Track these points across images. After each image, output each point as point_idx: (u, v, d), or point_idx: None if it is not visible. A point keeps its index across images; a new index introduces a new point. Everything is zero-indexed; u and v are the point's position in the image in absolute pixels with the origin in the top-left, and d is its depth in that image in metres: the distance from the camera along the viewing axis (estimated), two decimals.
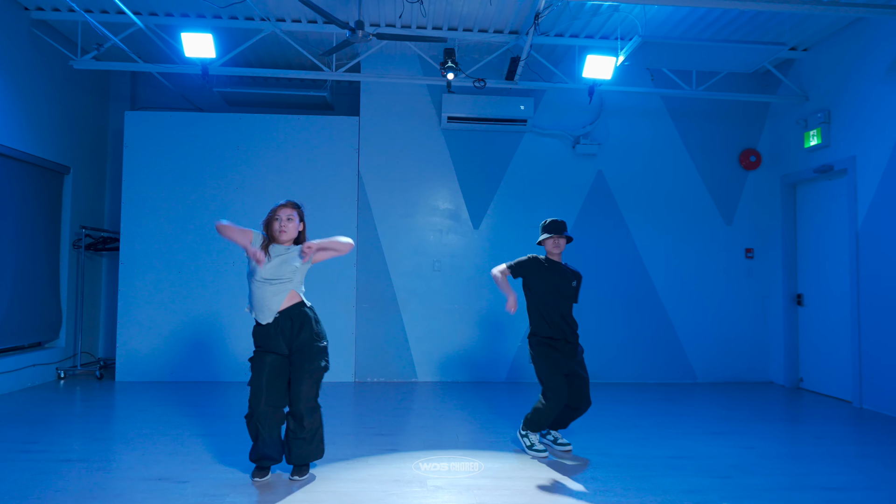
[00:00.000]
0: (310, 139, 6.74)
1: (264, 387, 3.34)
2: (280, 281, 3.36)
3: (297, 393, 3.35)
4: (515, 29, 6.15)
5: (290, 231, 3.41)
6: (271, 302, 3.36)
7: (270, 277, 3.34)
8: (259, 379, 3.35)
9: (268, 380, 3.35)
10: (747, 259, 7.02)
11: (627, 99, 6.92)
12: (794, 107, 6.60)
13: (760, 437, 4.51)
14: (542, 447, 3.99)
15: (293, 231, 3.42)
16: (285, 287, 3.37)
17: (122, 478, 3.40)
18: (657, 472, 3.63)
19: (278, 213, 3.42)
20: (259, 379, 3.35)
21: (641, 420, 4.99)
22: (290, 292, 3.40)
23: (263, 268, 3.33)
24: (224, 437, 4.25)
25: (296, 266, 3.39)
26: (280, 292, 3.37)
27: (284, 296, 3.38)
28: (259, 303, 3.37)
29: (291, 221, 3.41)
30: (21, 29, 5.88)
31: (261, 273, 3.34)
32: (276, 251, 3.39)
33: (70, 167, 6.69)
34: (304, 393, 3.34)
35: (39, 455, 3.79)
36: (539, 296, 4.04)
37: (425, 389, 6.28)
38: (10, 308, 5.75)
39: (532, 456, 3.95)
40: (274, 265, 3.35)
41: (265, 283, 3.35)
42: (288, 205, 3.46)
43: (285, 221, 3.40)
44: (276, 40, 6.53)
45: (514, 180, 6.89)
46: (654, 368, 6.87)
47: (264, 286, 3.35)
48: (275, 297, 3.36)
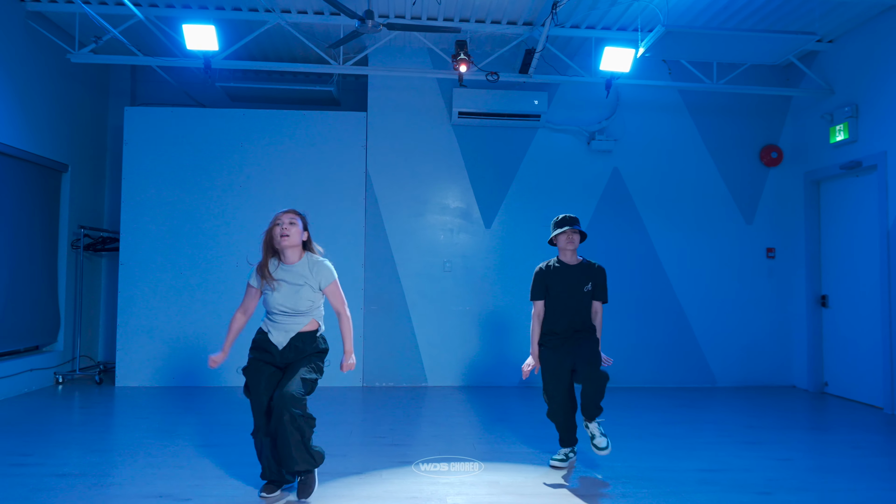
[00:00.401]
0: (316, 135, 6.51)
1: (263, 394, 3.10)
2: (298, 314, 3.18)
3: (286, 381, 3.06)
4: (530, 20, 5.92)
5: (294, 236, 3.18)
6: (290, 328, 3.20)
7: (287, 310, 3.16)
8: (258, 389, 3.11)
9: (266, 388, 3.11)
10: (768, 259, 6.78)
11: (644, 93, 6.68)
12: (818, 101, 6.36)
13: (794, 447, 4.27)
14: (561, 458, 3.77)
15: (296, 236, 3.19)
16: (306, 317, 3.22)
17: (121, 495, 3.17)
18: (690, 488, 3.40)
19: (280, 217, 3.21)
20: (258, 389, 3.11)
21: (664, 428, 4.75)
22: (311, 321, 3.24)
23: (276, 295, 3.15)
24: (228, 448, 4.03)
25: (311, 295, 3.19)
26: (300, 322, 3.21)
27: (304, 324, 3.23)
28: (276, 326, 3.21)
29: (294, 225, 3.19)
30: (16, 21, 5.66)
31: (276, 302, 3.16)
32: (289, 276, 3.17)
33: (68, 165, 6.47)
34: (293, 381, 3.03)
35: (34, 469, 3.57)
36: (547, 304, 3.80)
37: (436, 395, 6.05)
38: (6, 311, 5.53)
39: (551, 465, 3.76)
40: (290, 294, 3.15)
41: (283, 314, 3.17)
42: (289, 211, 3.26)
43: (287, 225, 3.18)
44: (281, 32, 6.30)
45: (527, 178, 6.65)
46: (671, 372, 6.64)
47: (284, 317, 3.18)
48: (294, 325, 3.21)
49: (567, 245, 3.75)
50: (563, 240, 3.74)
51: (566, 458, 3.78)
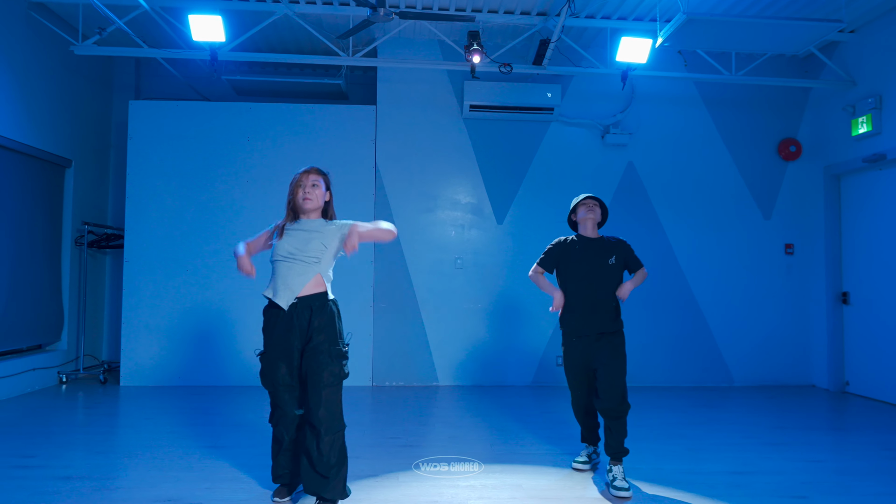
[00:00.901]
0: (324, 129, 6.37)
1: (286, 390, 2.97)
2: (306, 259, 2.94)
3: (316, 400, 2.85)
4: (544, 10, 5.77)
5: (316, 198, 3.03)
6: (293, 282, 2.92)
7: (294, 252, 2.94)
8: (276, 382, 2.96)
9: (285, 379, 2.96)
10: (787, 255, 6.62)
11: (660, 85, 6.53)
12: (839, 92, 6.20)
13: (824, 448, 4.12)
14: (583, 459, 3.65)
15: (319, 199, 3.04)
16: (311, 269, 2.95)
17: (128, 499, 3.04)
18: (721, 491, 3.26)
19: (302, 179, 3.04)
20: (276, 382, 2.96)
21: (686, 429, 4.60)
22: (316, 276, 2.97)
23: (284, 242, 2.97)
24: (237, 450, 3.89)
25: (324, 245, 2.98)
26: (305, 273, 2.94)
27: (309, 278, 2.95)
28: (279, 281, 2.95)
29: (317, 188, 3.03)
30: (18, 12, 5.53)
31: (283, 247, 2.96)
32: (304, 225, 3.02)
33: (72, 160, 6.34)
34: (323, 400, 2.85)
35: (37, 471, 3.44)
36: (568, 283, 3.53)
37: (447, 394, 5.91)
38: (8, 309, 5.40)
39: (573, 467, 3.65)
40: (300, 240, 2.97)
41: (288, 259, 2.94)
42: (312, 170, 3.08)
43: (310, 188, 3.02)
44: (288, 24, 6.16)
45: (539, 172, 6.50)
46: (688, 371, 6.49)
47: (287, 264, 2.94)
48: (298, 276, 2.93)
49: (588, 213, 3.56)
50: (584, 210, 3.58)
51: (589, 459, 3.65)
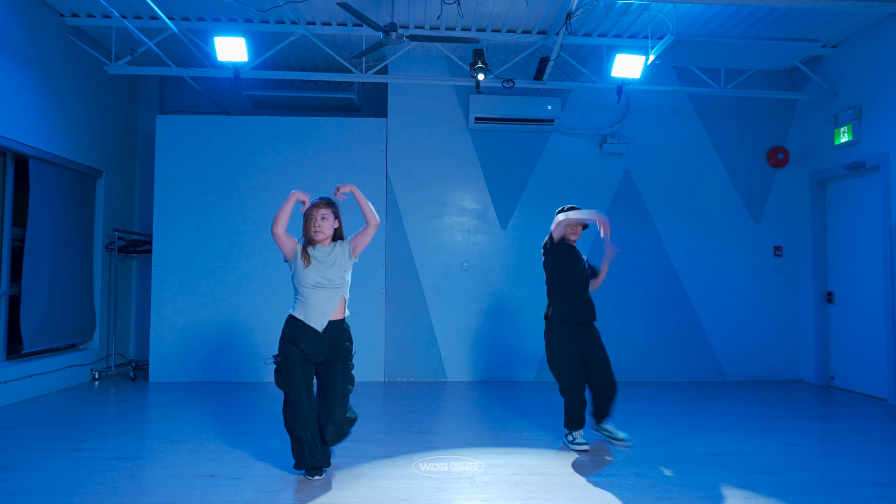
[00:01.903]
0: (338, 141, 6.80)
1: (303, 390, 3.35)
2: (331, 286, 3.39)
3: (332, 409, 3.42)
4: (544, 29, 6.18)
5: (326, 230, 3.41)
6: (326, 307, 3.37)
7: (321, 282, 3.36)
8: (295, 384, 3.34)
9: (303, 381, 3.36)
10: (776, 257, 6.99)
11: (654, 98, 6.93)
12: (823, 104, 6.58)
13: (801, 434, 4.50)
14: (582, 441, 4.04)
15: (329, 230, 3.43)
16: (338, 293, 3.41)
17: (177, 475, 3.45)
18: (702, 469, 3.64)
19: (311, 212, 3.41)
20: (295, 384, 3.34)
21: (676, 418, 4.99)
22: (341, 300, 3.45)
23: (310, 272, 3.36)
24: (265, 436, 4.30)
25: (343, 270, 3.42)
26: (334, 297, 3.40)
27: (337, 302, 3.42)
28: (313, 308, 3.37)
29: (326, 220, 3.41)
30: (57, 35, 5.98)
31: (309, 278, 3.36)
32: (321, 253, 3.42)
33: (102, 171, 6.79)
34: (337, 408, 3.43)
35: (91, 453, 3.86)
36: (566, 275, 4.16)
37: (455, 389, 6.31)
38: (48, 310, 5.84)
39: (574, 450, 4.01)
40: (321, 269, 3.37)
41: (317, 288, 3.36)
42: (321, 203, 3.44)
43: (319, 221, 3.39)
44: (305, 43, 6.60)
45: (541, 180, 6.91)
46: (682, 367, 6.86)
47: (317, 292, 3.36)
48: (329, 302, 3.39)
49: (572, 236, 4.27)
50: (573, 234, 4.25)
51: (585, 441, 4.05)
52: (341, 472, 3.55)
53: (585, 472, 3.60)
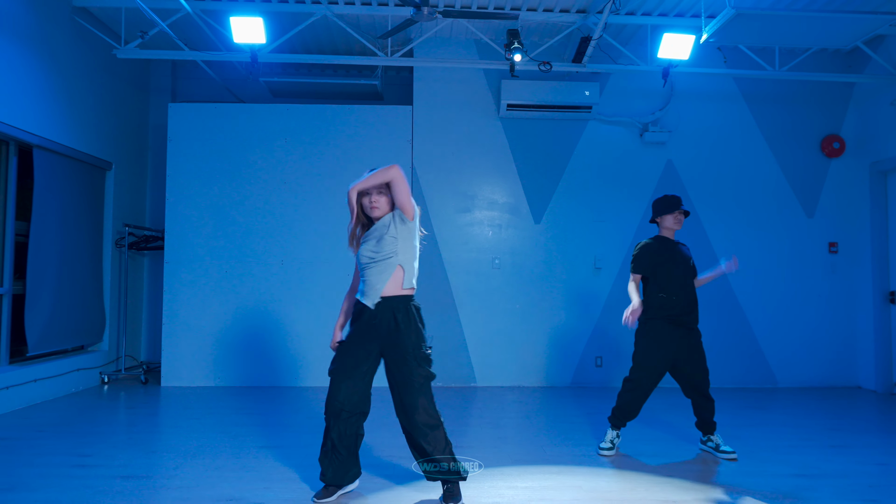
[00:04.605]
0: (360, 130, 6.37)
1: (343, 377, 2.94)
2: (383, 258, 2.95)
3: (413, 405, 2.91)
4: (583, 7, 5.72)
5: (383, 206, 3.00)
6: (376, 281, 2.96)
7: (373, 255, 2.97)
8: (341, 367, 2.96)
9: (341, 365, 2.95)
10: (831, 254, 6.49)
11: (699, 82, 6.45)
12: (885, 87, 6.07)
13: (886, 452, 4.02)
14: (608, 445, 3.85)
15: (385, 205, 3.01)
16: (389, 264, 2.95)
17: (191, 497, 3.04)
18: (790, 494, 3.18)
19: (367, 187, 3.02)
20: (341, 367, 2.96)
21: (738, 430, 4.52)
22: (396, 271, 2.96)
23: (363, 248, 3.00)
24: (289, 450, 3.88)
25: (393, 237, 2.96)
26: (384, 270, 2.95)
27: (389, 274, 2.95)
28: (366, 283, 3.00)
29: (382, 195, 3.00)
30: (63, 18, 5.60)
31: (363, 255, 2.99)
32: (375, 227, 3.02)
33: (112, 162, 6.41)
34: (420, 405, 2.90)
35: (97, 470, 3.46)
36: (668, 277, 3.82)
37: (487, 395, 5.87)
38: (54, 310, 5.46)
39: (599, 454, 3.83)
40: (373, 243, 2.98)
41: (370, 263, 2.98)
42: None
43: (375, 196, 3.00)
44: (326, 25, 6.18)
45: (577, 171, 6.45)
46: (731, 372, 6.38)
47: (370, 267, 2.98)
48: (379, 275, 2.95)
49: (674, 225, 3.89)
50: (671, 220, 3.88)
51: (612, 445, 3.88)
52: (376, 495, 3.13)
53: (654, 495, 3.15)
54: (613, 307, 6.33)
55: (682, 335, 3.81)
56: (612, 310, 6.33)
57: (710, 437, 3.91)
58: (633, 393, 3.83)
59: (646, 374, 3.80)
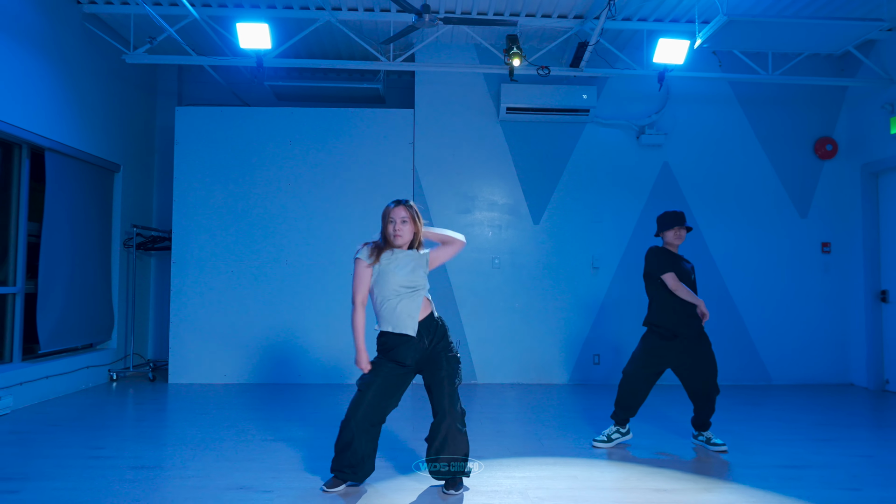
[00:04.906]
0: (363, 133, 6.52)
1: (371, 394, 3.09)
2: (416, 289, 3.13)
3: (442, 403, 3.10)
4: (581, 13, 5.86)
5: (406, 234, 3.14)
6: (413, 310, 3.11)
7: (408, 285, 3.11)
8: (370, 383, 3.11)
9: (381, 386, 3.10)
10: (824, 254, 6.62)
11: (695, 86, 6.58)
12: (876, 91, 6.20)
13: (872, 444, 4.16)
14: (603, 438, 4.01)
15: (408, 234, 3.15)
16: (420, 294, 3.15)
17: (203, 486, 3.18)
18: (777, 484, 3.31)
19: (391, 215, 3.15)
20: (370, 383, 3.11)
21: (731, 426, 4.64)
22: (425, 300, 3.18)
23: (397, 273, 3.10)
24: (296, 443, 4.02)
25: (425, 272, 3.19)
26: (418, 298, 3.14)
27: (420, 302, 3.14)
28: (401, 314, 3.10)
29: (406, 224, 3.14)
30: (74, 23, 5.75)
31: (398, 281, 3.09)
32: (402, 257, 3.14)
33: (120, 164, 6.55)
34: (447, 402, 3.10)
35: (110, 461, 3.60)
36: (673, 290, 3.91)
37: (487, 392, 6.01)
38: (65, 309, 5.61)
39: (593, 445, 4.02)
40: (408, 271, 3.12)
41: (405, 291, 3.11)
42: (401, 206, 3.17)
43: (399, 224, 3.13)
44: (329, 30, 6.32)
45: (575, 173, 6.59)
46: (726, 369, 6.40)
47: (404, 296, 3.11)
48: (415, 303, 3.12)
49: (675, 240, 3.99)
50: (672, 235, 3.99)
51: (608, 438, 4.02)
52: (381, 484, 3.27)
53: (646, 484, 3.29)
54: (610, 306, 6.47)
55: (681, 346, 3.89)
56: (609, 308, 6.47)
57: (702, 431, 4.05)
58: (626, 386, 3.99)
59: (637, 373, 3.96)
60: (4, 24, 4.83)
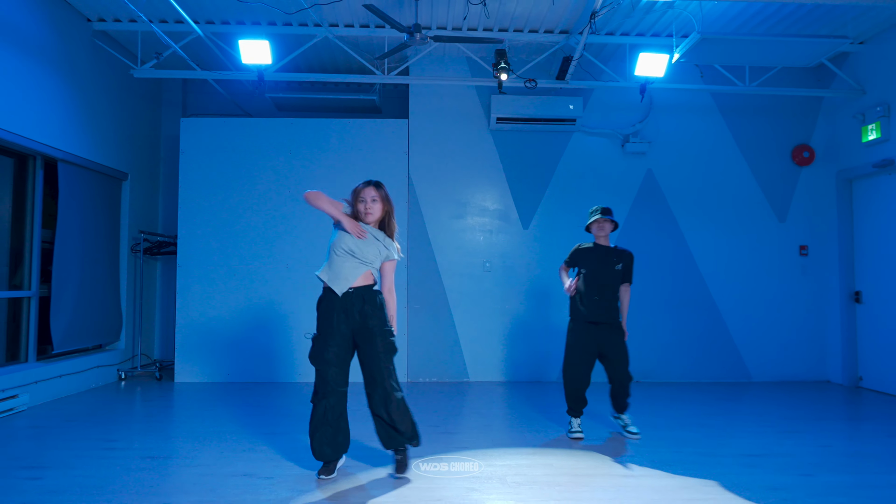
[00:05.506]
0: (360, 142, 6.82)
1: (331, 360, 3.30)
2: (363, 260, 3.34)
3: (378, 370, 3.29)
4: (566, 28, 6.16)
5: (376, 212, 3.38)
6: (349, 274, 3.33)
7: (355, 251, 3.32)
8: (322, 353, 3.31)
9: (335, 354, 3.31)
10: (802, 256, 6.91)
11: (677, 96, 6.87)
12: (850, 101, 6.49)
13: (833, 435, 4.44)
14: (577, 429, 4.34)
15: (378, 212, 3.39)
16: (365, 267, 3.36)
17: (209, 474, 3.48)
18: (735, 470, 3.60)
19: (362, 194, 3.38)
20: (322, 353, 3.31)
21: (705, 419, 4.94)
22: (367, 272, 3.39)
23: (347, 239, 3.30)
24: (295, 435, 4.32)
25: (379, 253, 3.39)
26: (358, 267, 3.34)
27: (361, 273, 3.35)
28: (336, 272, 3.34)
29: (376, 203, 3.38)
30: (84, 40, 6.06)
31: (347, 244, 3.30)
32: (368, 230, 3.39)
33: (128, 173, 6.86)
34: (383, 370, 3.29)
35: (123, 452, 3.90)
36: (584, 279, 4.42)
37: (479, 389, 6.30)
38: (76, 311, 5.91)
39: (569, 437, 4.32)
40: (361, 242, 3.34)
41: (347, 255, 3.32)
42: (371, 185, 3.41)
43: (370, 203, 3.37)
44: (327, 45, 6.63)
45: (563, 180, 6.88)
46: (707, 368, 6.80)
47: (346, 258, 3.32)
48: (353, 270, 3.33)
49: (598, 232, 4.44)
50: (595, 227, 4.45)
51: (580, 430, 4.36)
52: (371, 471, 3.56)
53: (617, 472, 3.58)
54: None
55: (604, 332, 4.35)
56: None
57: (621, 416, 4.42)
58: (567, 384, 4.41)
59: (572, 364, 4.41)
60: (19, 42, 5.14)
